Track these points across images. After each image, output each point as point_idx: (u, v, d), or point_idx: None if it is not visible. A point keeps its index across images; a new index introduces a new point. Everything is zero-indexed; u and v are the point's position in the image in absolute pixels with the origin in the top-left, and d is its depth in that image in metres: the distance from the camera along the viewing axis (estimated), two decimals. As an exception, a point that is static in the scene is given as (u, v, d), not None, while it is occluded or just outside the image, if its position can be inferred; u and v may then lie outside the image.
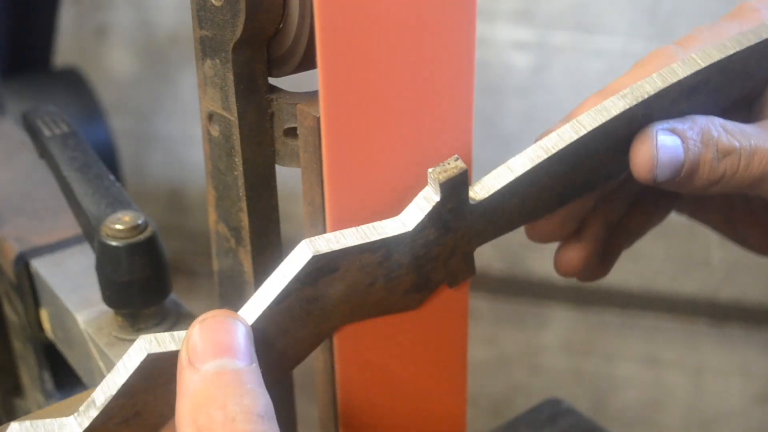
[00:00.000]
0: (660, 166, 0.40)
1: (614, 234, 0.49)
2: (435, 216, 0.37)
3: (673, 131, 0.40)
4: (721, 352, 1.23)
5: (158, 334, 0.34)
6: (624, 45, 1.14)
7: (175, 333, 0.34)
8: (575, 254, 0.47)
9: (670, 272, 1.22)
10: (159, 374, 0.35)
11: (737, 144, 0.41)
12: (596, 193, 0.46)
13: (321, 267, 0.36)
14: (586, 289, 1.25)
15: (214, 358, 0.33)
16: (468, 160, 0.41)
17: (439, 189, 0.37)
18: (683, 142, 0.40)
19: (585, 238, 0.47)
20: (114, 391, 0.34)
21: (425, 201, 0.37)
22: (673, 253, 1.21)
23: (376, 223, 0.37)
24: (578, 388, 1.24)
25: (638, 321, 1.25)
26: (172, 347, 0.34)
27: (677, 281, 1.22)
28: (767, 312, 1.21)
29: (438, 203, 0.37)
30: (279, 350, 0.38)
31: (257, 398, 0.32)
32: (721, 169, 0.41)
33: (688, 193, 0.48)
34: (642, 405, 1.23)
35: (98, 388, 0.34)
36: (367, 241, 0.36)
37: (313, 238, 0.35)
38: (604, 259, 0.49)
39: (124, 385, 0.34)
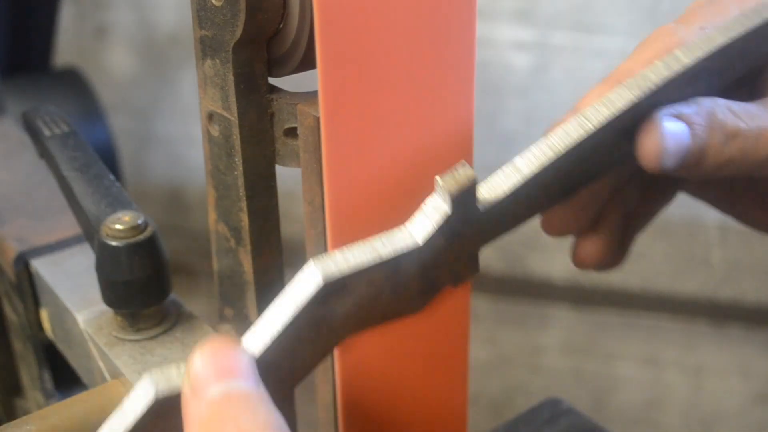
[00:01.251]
0: (667, 155, 0.39)
1: (629, 221, 0.48)
2: (445, 226, 0.36)
3: (679, 117, 0.39)
4: (721, 352, 1.23)
5: (164, 369, 0.33)
6: (624, 45, 1.14)
7: (182, 366, 0.33)
8: (594, 246, 0.46)
9: (670, 272, 1.22)
10: (169, 408, 0.33)
11: (743, 125, 0.40)
12: (611, 184, 0.45)
13: (331, 290, 0.34)
14: (586, 289, 1.25)
15: (219, 381, 0.31)
16: (469, 161, 0.40)
17: (449, 200, 0.35)
18: (690, 127, 0.39)
19: (602, 228, 0.46)
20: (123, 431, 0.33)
21: (435, 212, 0.35)
22: (673, 253, 1.21)
23: (384, 238, 0.35)
24: (578, 388, 1.24)
25: (638, 321, 1.25)
26: (179, 382, 0.32)
27: (677, 281, 1.22)
28: (767, 312, 1.21)
29: (449, 215, 0.35)
30: (286, 370, 0.37)
31: (271, 414, 0.31)
32: (728, 153, 0.40)
33: (695, 179, 0.47)
34: (642, 405, 1.23)
35: (106, 428, 0.33)
36: (379, 260, 0.34)
37: (321, 260, 0.33)
38: (621, 246, 0.48)
39: (133, 428, 0.32)
